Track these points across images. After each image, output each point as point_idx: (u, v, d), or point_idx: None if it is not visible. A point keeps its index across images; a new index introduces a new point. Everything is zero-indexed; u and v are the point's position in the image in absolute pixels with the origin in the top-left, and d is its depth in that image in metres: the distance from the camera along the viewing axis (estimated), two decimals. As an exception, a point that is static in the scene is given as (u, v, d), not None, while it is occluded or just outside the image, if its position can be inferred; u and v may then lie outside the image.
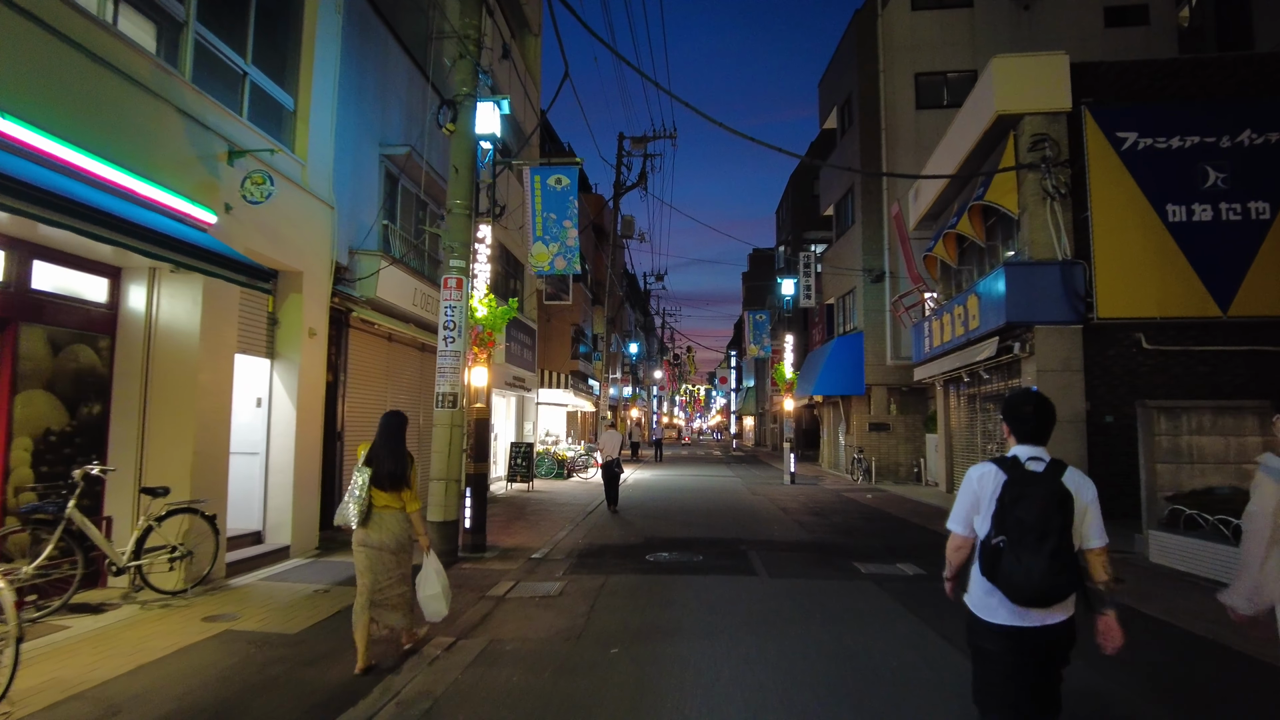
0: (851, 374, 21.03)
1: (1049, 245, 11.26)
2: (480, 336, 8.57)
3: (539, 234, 9.02)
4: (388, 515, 4.53)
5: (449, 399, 7.95)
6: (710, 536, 9.94)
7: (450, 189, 8.22)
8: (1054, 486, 2.56)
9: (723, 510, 13.18)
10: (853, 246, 22.02)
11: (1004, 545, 2.56)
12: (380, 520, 4.50)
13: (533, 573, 7.57)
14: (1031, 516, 2.52)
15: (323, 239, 8.58)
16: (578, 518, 11.62)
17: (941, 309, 15.07)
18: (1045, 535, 2.50)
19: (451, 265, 8.07)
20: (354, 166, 9.95)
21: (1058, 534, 2.51)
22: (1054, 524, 2.51)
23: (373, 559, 4.48)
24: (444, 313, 8.01)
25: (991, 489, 2.66)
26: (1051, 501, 2.53)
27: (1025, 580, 2.50)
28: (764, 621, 5.68)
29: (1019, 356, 11.45)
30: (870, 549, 8.99)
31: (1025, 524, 2.53)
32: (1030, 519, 2.52)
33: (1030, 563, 2.49)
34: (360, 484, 4.46)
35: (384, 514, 4.52)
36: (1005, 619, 2.61)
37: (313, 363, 8.38)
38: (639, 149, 27.96)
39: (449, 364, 7.95)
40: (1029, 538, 2.51)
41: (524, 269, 18.96)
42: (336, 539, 9.05)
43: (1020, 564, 2.50)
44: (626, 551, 8.78)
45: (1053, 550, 2.48)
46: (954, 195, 15.17)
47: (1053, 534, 2.50)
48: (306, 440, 8.23)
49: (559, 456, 19.55)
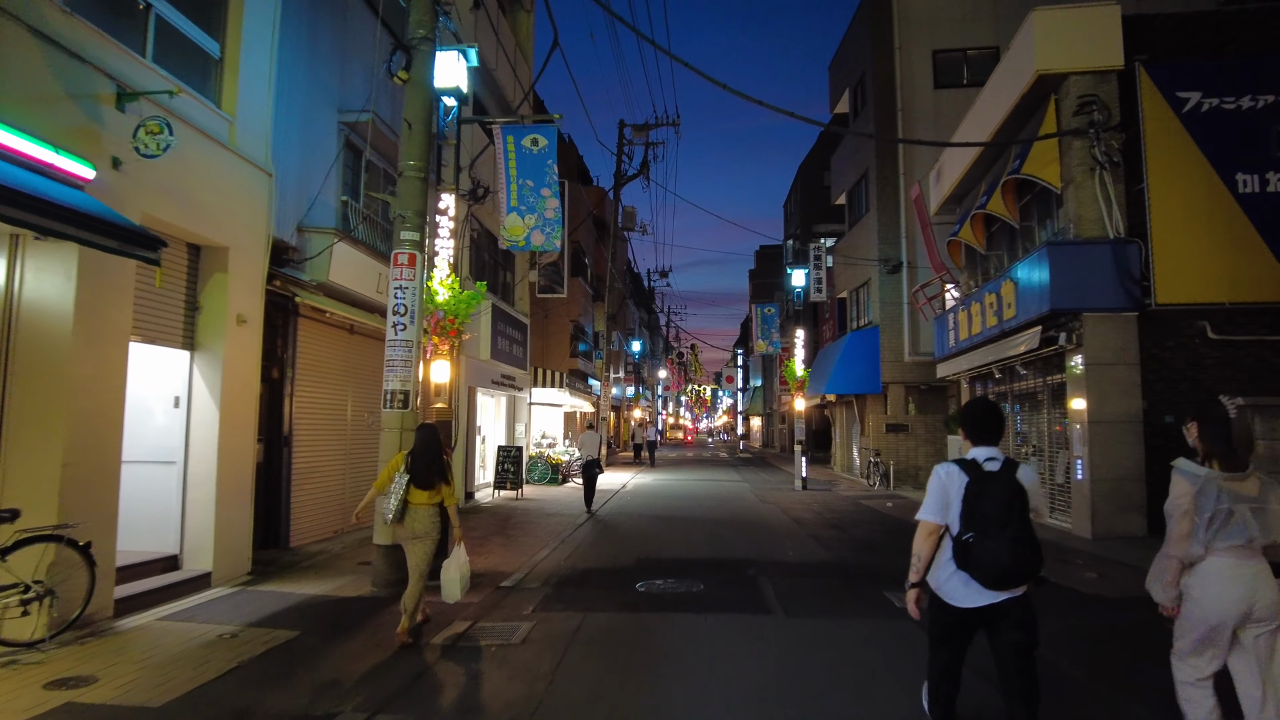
0: (867, 371, 19.65)
1: (1098, 222, 9.90)
2: (441, 324, 7.28)
3: (513, 203, 7.72)
4: (421, 510, 5.39)
5: (398, 398, 6.67)
6: (714, 556, 8.62)
7: (403, 148, 6.94)
8: (1010, 483, 2.98)
9: (729, 522, 11.85)
10: (867, 236, 20.65)
11: (973, 540, 2.95)
12: (415, 514, 5.38)
13: (497, 607, 6.27)
14: (994, 510, 2.93)
15: (256, 210, 7.31)
16: (564, 532, 10.31)
17: (969, 298, 13.70)
18: (1006, 524, 2.91)
19: (403, 238, 6.79)
20: (304, 132, 8.68)
21: (1017, 522, 2.92)
22: (1013, 514, 2.93)
23: (410, 544, 5.39)
24: (393, 295, 6.74)
25: (957, 488, 3.05)
26: (1009, 496, 2.95)
27: (994, 564, 2.90)
28: (784, 697, 4.30)
29: (1064, 349, 10.08)
30: (901, 572, 7.62)
31: (989, 517, 2.93)
32: (993, 512, 2.93)
33: (996, 549, 2.89)
34: (402, 485, 5.36)
35: (418, 509, 5.38)
36: (967, 601, 3.01)
37: (242, 355, 7.11)
38: (640, 137, 26.68)
39: (399, 356, 6.67)
40: (993, 528, 2.92)
41: (515, 261, 17.69)
42: (279, 561, 7.78)
43: (988, 551, 2.91)
44: (614, 577, 7.47)
45: (1014, 536, 2.89)
46: (981, 174, 13.81)
47: (1013, 522, 2.91)
48: (234, 446, 6.96)
49: (553, 460, 18.25)
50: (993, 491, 2.95)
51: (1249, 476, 3.10)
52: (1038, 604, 3.04)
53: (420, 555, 5.35)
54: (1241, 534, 3.01)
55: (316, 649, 5.04)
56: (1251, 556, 3.05)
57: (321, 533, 9.22)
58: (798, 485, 18.13)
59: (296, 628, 5.49)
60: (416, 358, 6.79)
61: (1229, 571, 3.05)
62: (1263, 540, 3.03)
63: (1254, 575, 3.03)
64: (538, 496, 15.27)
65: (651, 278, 50.94)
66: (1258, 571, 3.05)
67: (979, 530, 2.93)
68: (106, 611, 5.41)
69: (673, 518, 12.26)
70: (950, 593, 3.07)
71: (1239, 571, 3.04)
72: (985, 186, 13.22)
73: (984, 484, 2.98)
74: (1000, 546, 2.88)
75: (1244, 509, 3.03)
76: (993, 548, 2.89)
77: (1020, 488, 2.97)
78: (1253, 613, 3.02)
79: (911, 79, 19.67)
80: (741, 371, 60.78)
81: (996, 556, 2.88)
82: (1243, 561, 3.04)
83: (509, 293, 17.32)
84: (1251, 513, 3.03)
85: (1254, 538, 3.02)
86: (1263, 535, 3.03)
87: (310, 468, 8.95)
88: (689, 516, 12.48)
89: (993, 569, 2.89)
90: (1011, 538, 2.88)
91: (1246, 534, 3.01)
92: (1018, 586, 2.94)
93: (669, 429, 65.35)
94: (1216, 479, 3.08)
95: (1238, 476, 3.09)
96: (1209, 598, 3.09)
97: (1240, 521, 3.02)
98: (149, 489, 6.65)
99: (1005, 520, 2.90)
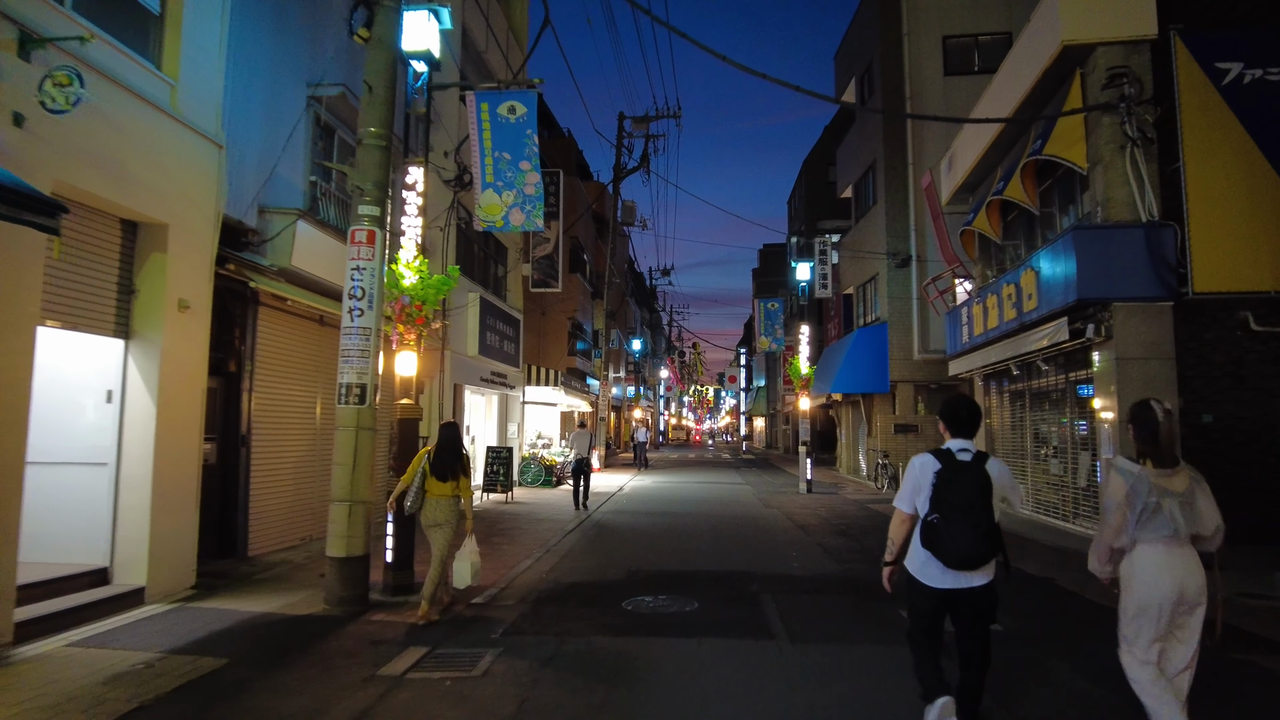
0: (874, 369, 18.88)
1: (1129, 204, 9.12)
2: (407, 311, 6.55)
3: (489, 179, 6.99)
4: (442, 501, 5.78)
5: (354, 392, 5.94)
6: (712, 568, 7.86)
7: (362, 112, 6.21)
8: (978, 474, 3.29)
9: (730, 528, 11.10)
10: (875, 229, 19.88)
11: (938, 521, 3.25)
12: (435, 505, 5.77)
13: (464, 630, 5.54)
14: (960, 498, 3.24)
15: (203, 185, 6.59)
16: (551, 540, 9.56)
17: (984, 290, 12.92)
18: (970, 511, 3.21)
19: (361, 213, 6.07)
20: (268, 106, 7.97)
21: (980, 510, 3.23)
22: (977, 503, 3.23)
23: (430, 531, 5.80)
24: (350, 276, 6.02)
25: (931, 475, 3.32)
26: (976, 486, 3.26)
27: (955, 547, 3.20)
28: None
29: (1090, 342, 9.30)
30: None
31: (955, 504, 3.23)
32: (959, 500, 3.23)
33: (959, 533, 3.20)
34: (419, 475, 5.76)
35: (440, 500, 5.77)
36: (939, 582, 3.30)
37: (186, 344, 6.39)
38: (640, 129, 26.07)
39: (355, 345, 5.94)
40: (956, 514, 3.22)
41: (508, 253, 16.97)
42: (233, 573, 7.07)
43: (950, 534, 3.21)
44: (599, 594, 6.72)
45: (975, 523, 3.20)
46: (998, 159, 13.03)
47: (976, 510, 3.22)
48: (175, 445, 6.23)
49: (547, 461, 17.50)
50: (962, 480, 3.24)
51: (1178, 473, 3.30)
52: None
53: (440, 542, 5.79)
54: (1167, 526, 3.22)
55: (242, 683, 4.30)
56: (1180, 546, 3.26)
57: (287, 540, 8.49)
58: (802, 488, 17.37)
59: (227, 655, 4.75)
60: (376, 348, 6.06)
61: (1162, 560, 3.25)
62: (1187, 531, 3.25)
63: (1184, 563, 3.25)
64: (529, 500, 14.53)
65: (653, 276, 50.29)
66: (1186, 559, 3.26)
67: (944, 515, 3.22)
68: (4, 637, 4.68)
69: (669, 524, 11.51)
70: (927, 575, 3.33)
71: (1170, 559, 3.24)
72: (1002, 172, 12.45)
73: (955, 473, 3.27)
74: (962, 531, 3.17)
75: (1171, 503, 3.24)
76: (955, 532, 3.18)
77: (987, 479, 3.26)
78: (1184, 597, 3.24)
79: (920, 66, 18.96)
80: (744, 371, 59.97)
81: (958, 540, 3.17)
82: (1173, 550, 3.25)
83: (500, 286, 16.61)
84: (1178, 506, 3.24)
85: (1178, 529, 3.23)
86: (1187, 527, 3.24)
87: (273, 470, 8.22)
88: (687, 523, 11.73)
89: (954, 551, 3.18)
90: (973, 524, 3.17)
91: (1171, 526, 3.22)
92: (976, 569, 3.24)
93: (671, 429, 64.56)
94: (1148, 475, 3.28)
95: (1167, 473, 3.29)
96: (1145, 585, 3.28)
97: (1166, 514, 3.23)
98: (76, 493, 5.94)
99: (969, 507, 3.20)
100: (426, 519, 5.80)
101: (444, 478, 5.75)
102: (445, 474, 5.75)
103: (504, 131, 7.02)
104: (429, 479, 5.74)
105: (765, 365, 47.55)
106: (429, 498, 5.75)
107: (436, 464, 5.74)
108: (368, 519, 6.07)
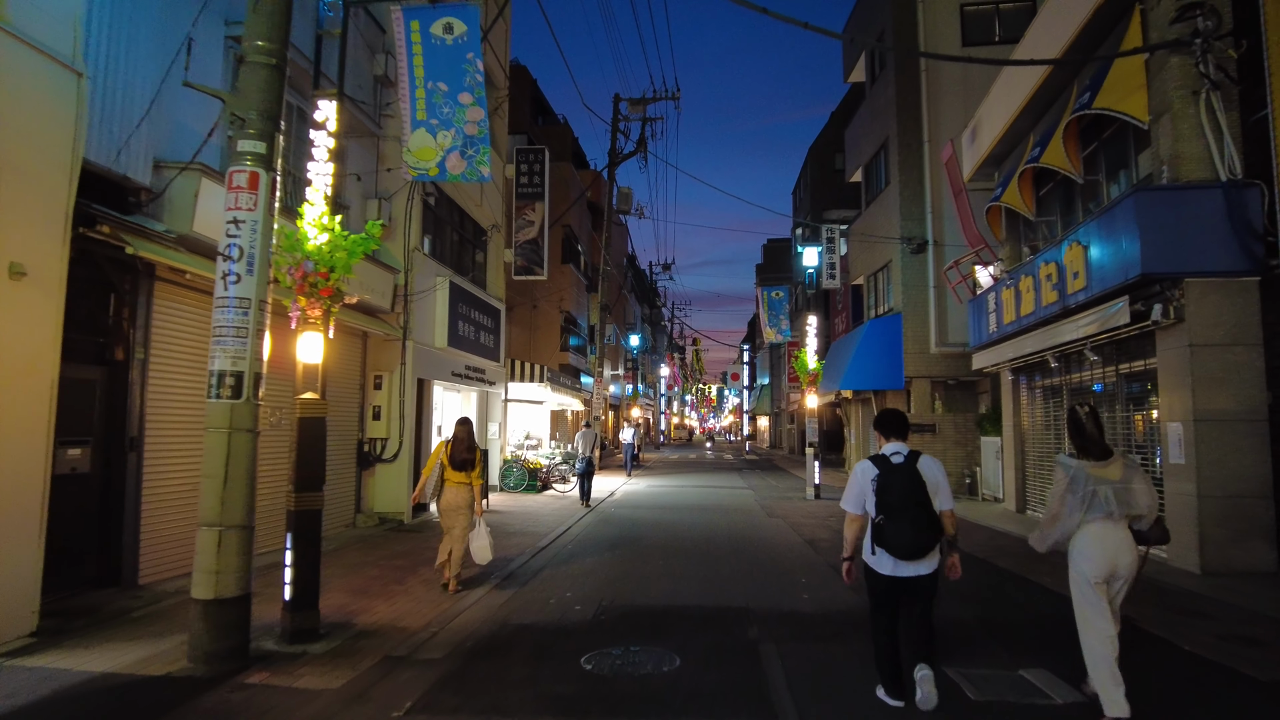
0: (887, 364, 17.39)
1: (1203, 160, 7.66)
2: (310, 280, 5.12)
3: (420, 115, 5.54)
4: (460, 489, 6.64)
5: (228, 382, 4.51)
6: (702, 602, 6.42)
7: (248, 23, 4.78)
8: (910, 473, 3.83)
9: (727, 544, 9.65)
10: (888, 213, 18.40)
11: (883, 521, 3.80)
12: (454, 491, 6.63)
13: (362, 697, 4.11)
14: (896, 498, 3.79)
15: (51, 120, 5.17)
16: (515, 561, 8.12)
17: (1017, 271, 11.44)
18: (906, 508, 3.76)
19: (241, 149, 4.66)
20: (164, 41, 6.54)
21: (915, 506, 3.77)
22: (911, 500, 3.77)
23: (449, 515, 6.61)
24: (225, 232, 4.60)
25: (870, 479, 3.88)
26: (909, 484, 3.79)
27: (898, 541, 3.74)
28: None
29: (1158, 324, 7.82)
30: (960, 628, 5.47)
31: (892, 504, 3.79)
32: (895, 500, 3.78)
33: (900, 528, 3.74)
34: (437, 465, 6.68)
35: (457, 488, 6.64)
36: (890, 570, 3.84)
37: (21, 323, 4.97)
38: (637, 112, 24.54)
39: (230, 321, 4.53)
40: (895, 512, 3.77)
41: (487, 238, 15.54)
42: (105, 609, 5.65)
43: (894, 531, 3.75)
44: (556, 640, 5.28)
45: (913, 518, 3.74)
46: (1030, 125, 11.56)
47: (911, 506, 3.76)
48: (4, 453, 4.81)
49: (530, 465, 16.06)
50: (895, 481, 3.82)
51: (1112, 463, 3.86)
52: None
53: (460, 525, 6.58)
54: (1103, 509, 3.77)
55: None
56: (1115, 525, 3.80)
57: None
58: (810, 494, 15.91)
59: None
60: (260, 325, 4.63)
61: (1099, 536, 3.80)
62: (1121, 513, 3.79)
63: (1117, 540, 3.79)
64: (508, 508, 13.08)
65: (654, 271, 48.83)
66: (1120, 537, 3.81)
67: (886, 514, 3.79)
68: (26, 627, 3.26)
69: (658, 539, 10.06)
70: (880, 565, 3.88)
71: (1105, 536, 3.79)
72: (1037, 138, 10.98)
73: (890, 475, 3.84)
74: (902, 529, 3.74)
75: (1106, 489, 3.78)
76: (897, 528, 3.75)
77: (919, 477, 3.82)
78: (1117, 569, 3.81)
79: (936, 37, 17.57)
80: (748, 368, 58.46)
81: (901, 534, 3.74)
82: (1107, 528, 3.79)
83: (479, 273, 15.18)
84: (1113, 492, 3.78)
85: (1113, 511, 3.77)
86: (1120, 509, 3.78)
87: (173, 480, 6.81)
88: (678, 537, 10.28)
89: (900, 545, 3.75)
90: (910, 520, 3.74)
91: (1106, 509, 3.76)
92: (922, 558, 3.79)
93: (673, 429, 63.03)
94: (1085, 467, 3.86)
95: (1101, 464, 3.86)
96: (1086, 559, 3.83)
97: (1102, 499, 3.77)
98: None
99: (905, 505, 3.77)
100: (444, 504, 6.66)
101: (459, 468, 6.62)
102: (461, 465, 6.62)
103: (439, 56, 5.56)
104: (447, 469, 6.63)
105: (769, 362, 46.07)
106: (447, 486, 6.64)
107: (453, 456, 6.61)
108: (247, 549, 4.63)
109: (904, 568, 3.77)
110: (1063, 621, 4.47)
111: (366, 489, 10.82)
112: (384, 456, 10.85)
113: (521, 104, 26.74)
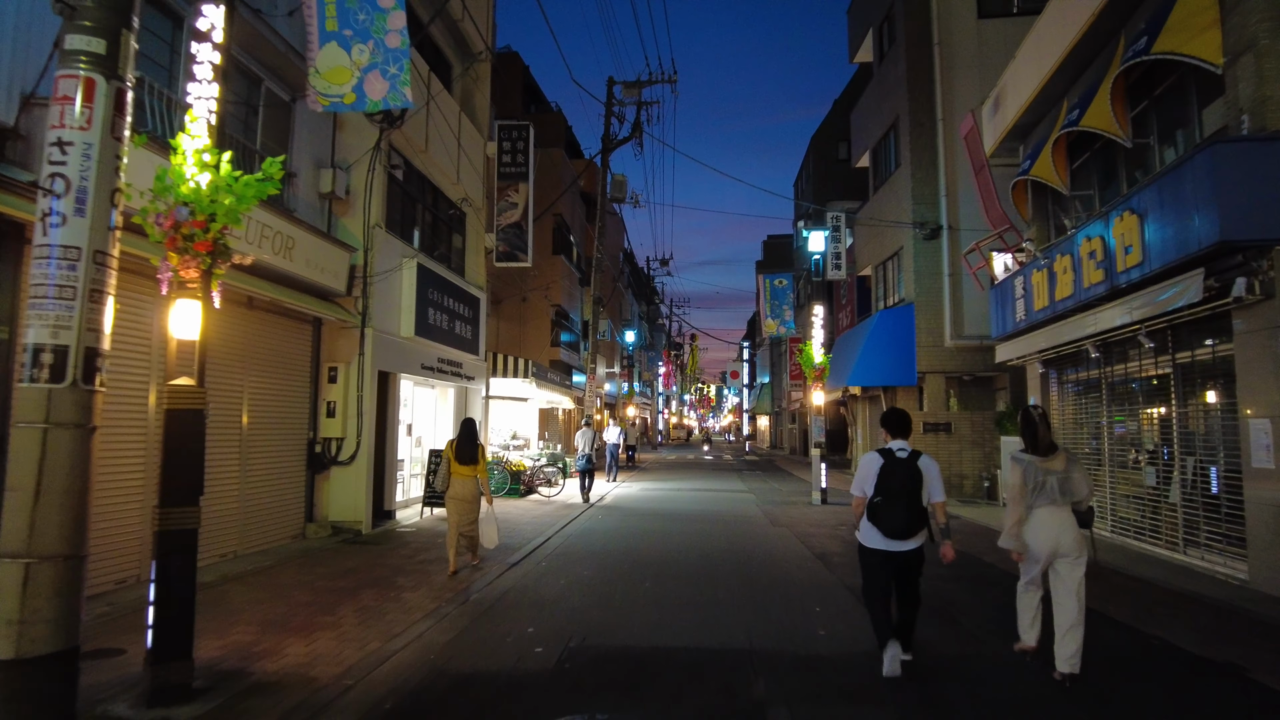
0: (899, 358, 16.17)
1: (1293, 108, 6.45)
2: (184, 231, 3.90)
3: (330, 27, 4.31)
4: (467, 481, 7.30)
5: (45, 360, 3.30)
6: (694, 642, 5.17)
7: (83, -118, 3.55)
8: (911, 467, 4.35)
9: (726, 562, 8.41)
10: (898, 197, 17.20)
11: (880, 502, 4.34)
12: (459, 484, 7.28)
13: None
14: (896, 485, 4.33)
15: None
16: (474, 586, 6.88)
17: (1051, 250, 10.22)
18: (902, 495, 4.30)
19: (70, 46, 3.48)
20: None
21: (910, 495, 4.30)
22: (908, 489, 4.31)
23: (457, 506, 7.25)
24: (46, 157, 3.40)
25: (876, 468, 4.40)
26: (908, 476, 4.33)
27: (891, 522, 4.30)
28: None
29: (1240, 302, 6.60)
30: (1025, 683, 4.25)
31: (892, 490, 4.33)
32: (895, 487, 4.33)
33: (895, 511, 4.29)
34: (445, 461, 7.35)
35: (465, 480, 7.29)
36: (880, 545, 4.39)
37: None
38: (632, 95, 23.28)
39: (51, 278, 3.31)
40: (892, 497, 4.31)
41: (466, 220, 14.31)
42: None
43: (889, 512, 4.30)
44: (500, 701, 4.05)
45: (907, 505, 4.29)
46: (1064, 87, 10.35)
47: (906, 495, 4.30)
48: None
49: (514, 467, 14.82)
50: (898, 472, 4.35)
51: (1056, 456, 4.50)
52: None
53: (469, 514, 7.33)
54: (1048, 496, 4.42)
55: None
56: (1058, 509, 4.42)
57: (105, 581, 5.88)
58: (816, 498, 14.68)
59: None
60: (96, 284, 3.41)
61: (1044, 520, 4.44)
62: (1064, 500, 4.43)
63: (1059, 523, 4.41)
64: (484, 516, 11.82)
65: (651, 266, 47.60)
66: (1062, 520, 4.42)
67: (884, 497, 4.33)
68: None
69: (645, 556, 8.83)
70: (871, 541, 4.44)
71: (1049, 520, 4.42)
72: (1073, 101, 9.77)
73: (894, 466, 4.37)
74: (896, 511, 4.29)
75: (1052, 479, 4.43)
76: (891, 510, 4.30)
77: (918, 471, 4.36)
78: (1059, 549, 4.39)
79: (950, 8, 16.43)
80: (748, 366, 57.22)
81: (894, 516, 4.29)
82: (1052, 512, 4.42)
83: (458, 259, 13.95)
84: (1056, 482, 4.43)
85: (1055, 498, 4.41)
86: (1063, 497, 4.43)
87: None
88: (670, 551, 9.05)
89: (891, 524, 4.30)
90: (905, 505, 4.29)
91: (1051, 496, 4.41)
92: (909, 539, 4.33)
93: (672, 429, 61.76)
94: (1034, 461, 4.50)
95: (1047, 459, 4.49)
96: (1033, 541, 4.48)
97: (1049, 488, 4.42)
98: None
99: (902, 493, 4.31)
100: (452, 495, 7.25)
101: (464, 462, 7.27)
102: (466, 459, 7.27)
103: (355, -52, 4.36)
104: (453, 464, 7.27)
105: (770, 359, 44.85)
106: (454, 478, 7.27)
107: (459, 452, 7.28)
108: (74, 586, 3.40)
109: (892, 544, 4.33)
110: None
111: (320, 495, 9.58)
112: (339, 458, 9.61)
113: (513, 91, 25.53)
